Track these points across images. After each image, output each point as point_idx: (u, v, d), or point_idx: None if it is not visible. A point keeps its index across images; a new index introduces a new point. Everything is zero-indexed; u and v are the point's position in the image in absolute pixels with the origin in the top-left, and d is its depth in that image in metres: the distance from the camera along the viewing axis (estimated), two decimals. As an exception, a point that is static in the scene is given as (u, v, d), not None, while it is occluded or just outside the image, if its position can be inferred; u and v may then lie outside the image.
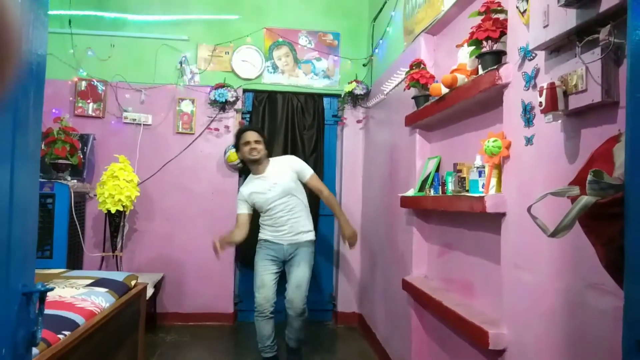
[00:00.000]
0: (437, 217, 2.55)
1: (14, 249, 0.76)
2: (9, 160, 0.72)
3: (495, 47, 1.77)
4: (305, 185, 3.11)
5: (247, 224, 3.06)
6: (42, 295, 0.85)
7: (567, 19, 1.26)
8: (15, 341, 0.76)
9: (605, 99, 1.16)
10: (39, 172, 0.93)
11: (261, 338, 2.96)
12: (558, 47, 1.40)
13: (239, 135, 3.09)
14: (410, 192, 2.65)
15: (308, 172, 3.09)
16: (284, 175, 3.01)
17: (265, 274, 2.97)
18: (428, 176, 2.50)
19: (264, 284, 2.95)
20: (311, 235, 3.07)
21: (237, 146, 3.13)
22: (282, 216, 2.99)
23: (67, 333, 1.68)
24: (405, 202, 2.64)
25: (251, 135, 3.01)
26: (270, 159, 3.14)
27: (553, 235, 1.01)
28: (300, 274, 2.94)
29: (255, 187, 3.03)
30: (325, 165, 4.28)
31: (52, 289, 0.90)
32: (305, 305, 2.93)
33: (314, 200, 3.51)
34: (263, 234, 3.08)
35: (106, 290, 2.24)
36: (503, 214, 1.70)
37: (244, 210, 3.06)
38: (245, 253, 4.01)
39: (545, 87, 1.32)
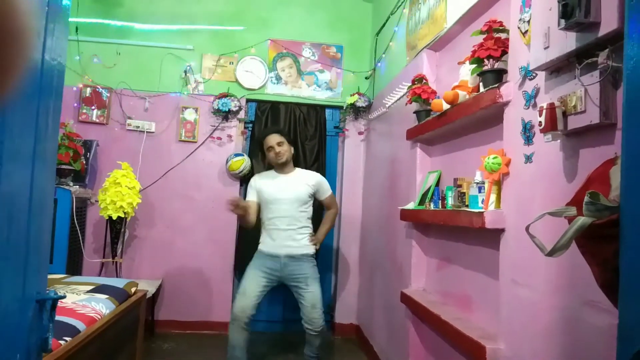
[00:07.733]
0: (436, 231, 2.57)
1: (31, 257, 0.78)
2: (30, 170, 0.75)
3: (497, 65, 1.80)
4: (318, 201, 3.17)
5: (256, 212, 3.06)
6: (54, 302, 0.86)
7: (567, 42, 1.29)
8: (29, 347, 0.78)
9: (603, 120, 1.19)
10: (54, 182, 0.95)
11: (231, 347, 2.84)
12: (558, 68, 1.43)
13: (260, 142, 3.12)
14: (410, 206, 2.67)
15: (327, 192, 3.15)
16: (300, 188, 3.02)
17: (250, 283, 2.91)
18: (428, 190, 2.52)
19: (245, 293, 2.88)
20: (308, 249, 2.97)
21: (262, 152, 3.18)
22: (284, 216, 2.95)
23: (68, 339, 1.69)
24: (405, 215, 2.66)
25: (272, 139, 3.01)
26: (297, 168, 3.16)
27: (550, 254, 1.04)
28: (312, 295, 2.88)
29: (271, 182, 3.04)
30: (326, 176, 4.26)
31: (64, 297, 0.91)
32: (323, 321, 2.91)
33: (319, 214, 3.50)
34: (262, 244, 3.04)
35: (107, 296, 2.26)
36: (502, 230, 1.72)
37: (252, 198, 3.07)
38: (245, 263, 4.00)
39: (545, 107, 1.35)
